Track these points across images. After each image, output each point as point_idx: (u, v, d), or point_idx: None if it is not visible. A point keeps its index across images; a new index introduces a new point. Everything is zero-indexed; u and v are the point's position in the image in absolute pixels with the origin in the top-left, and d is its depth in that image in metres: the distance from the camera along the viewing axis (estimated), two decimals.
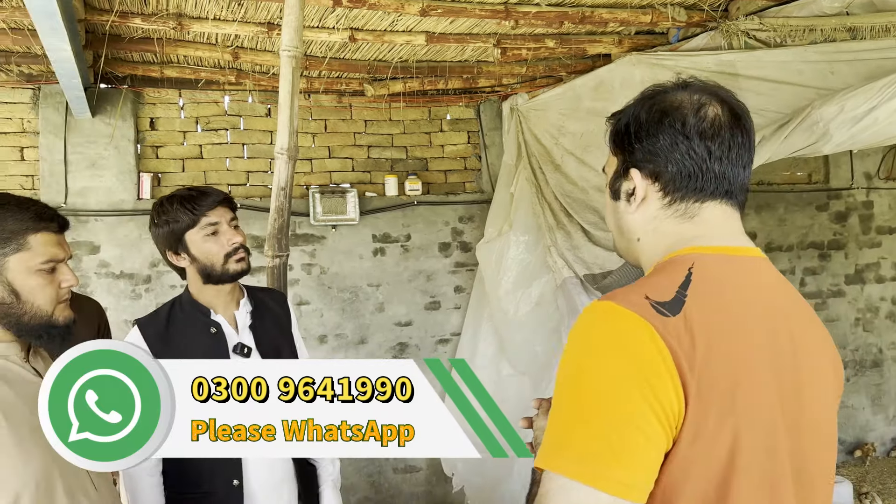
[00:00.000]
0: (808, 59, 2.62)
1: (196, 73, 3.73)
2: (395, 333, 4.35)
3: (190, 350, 1.83)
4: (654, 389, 0.84)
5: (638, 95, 1.08)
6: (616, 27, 3.21)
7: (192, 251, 1.84)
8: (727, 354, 0.89)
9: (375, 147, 4.38)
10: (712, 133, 0.99)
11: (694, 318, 0.89)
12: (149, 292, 3.91)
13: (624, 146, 1.04)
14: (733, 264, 0.99)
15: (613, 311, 0.90)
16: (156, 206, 1.90)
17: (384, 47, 3.39)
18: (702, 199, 1.01)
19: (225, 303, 1.91)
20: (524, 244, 3.80)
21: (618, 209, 1.08)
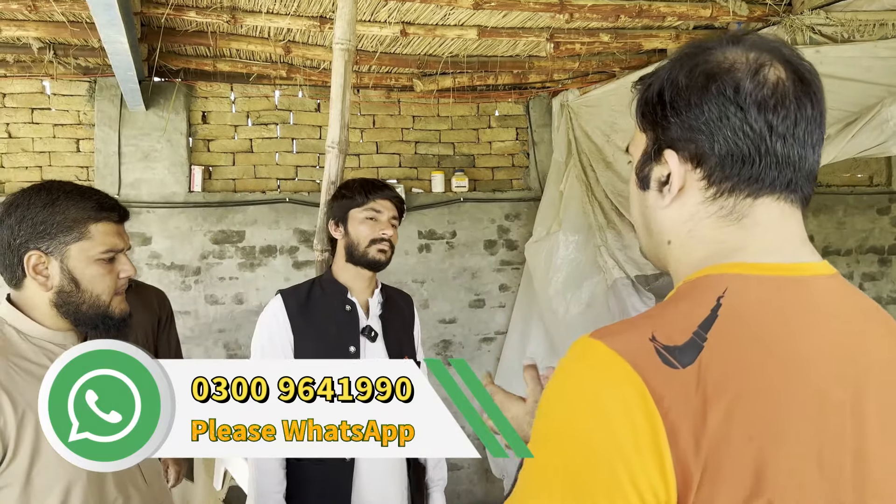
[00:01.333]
0: (878, 55, 2.51)
1: (248, 67, 3.76)
2: (438, 331, 4.33)
3: (324, 322, 1.98)
4: (632, 471, 0.65)
5: (675, 53, 0.83)
6: (674, 21, 3.12)
7: (349, 226, 2.02)
8: (755, 422, 0.67)
9: (423, 143, 4.36)
10: (774, 103, 0.75)
11: (712, 372, 0.68)
12: (198, 284, 3.96)
13: (656, 120, 0.80)
14: (785, 292, 0.74)
15: (599, 355, 0.70)
16: (344, 182, 2.16)
17: (435, 42, 3.36)
18: (756, 192, 0.77)
19: (361, 287, 2.05)
20: (574, 244, 3.74)
21: (647, 201, 0.84)
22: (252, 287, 4.03)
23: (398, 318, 2.12)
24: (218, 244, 4.00)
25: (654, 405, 0.66)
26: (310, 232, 4.08)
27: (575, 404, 0.70)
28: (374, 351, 1.98)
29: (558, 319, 3.80)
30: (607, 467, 0.66)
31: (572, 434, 0.69)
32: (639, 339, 0.70)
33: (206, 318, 3.97)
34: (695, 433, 0.65)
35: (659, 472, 0.65)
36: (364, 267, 2.01)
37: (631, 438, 0.66)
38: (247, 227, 4.03)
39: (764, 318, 0.72)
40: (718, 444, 0.65)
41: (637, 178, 0.86)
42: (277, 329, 1.98)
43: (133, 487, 1.30)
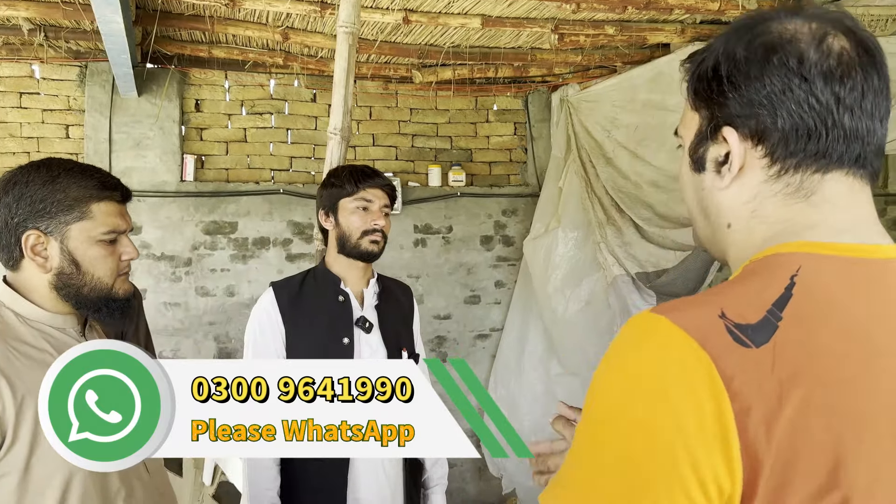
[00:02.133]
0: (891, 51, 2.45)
1: (244, 54, 3.68)
2: (433, 326, 4.27)
3: (318, 314, 1.93)
4: (694, 458, 0.61)
5: (728, 27, 0.79)
6: (680, 15, 3.08)
7: (339, 217, 1.96)
8: (831, 407, 0.63)
9: (420, 136, 4.30)
10: (841, 73, 0.70)
11: (789, 352, 0.63)
12: (189, 275, 3.87)
13: (711, 96, 0.76)
14: (861, 274, 0.69)
15: (664, 332, 0.65)
16: (332, 169, 2.10)
17: (437, 31, 3.30)
18: (824, 167, 0.72)
19: (356, 278, 2.00)
20: (573, 240, 3.69)
21: (702, 184, 0.80)
22: (244, 279, 3.95)
23: (396, 309, 2.07)
24: (210, 235, 3.92)
25: (723, 386, 0.61)
26: (304, 224, 4.01)
27: (634, 384, 0.65)
28: (369, 342, 1.94)
29: (557, 317, 3.75)
30: (668, 454, 0.61)
31: (630, 416, 0.65)
32: (707, 316, 0.65)
33: (197, 311, 3.89)
34: (767, 419, 0.61)
35: (724, 459, 0.60)
36: (356, 258, 1.96)
37: (695, 422, 0.61)
38: (239, 218, 3.95)
39: (841, 301, 0.67)
40: (794, 432, 0.61)
41: (691, 160, 0.81)
42: (269, 322, 1.93)
43: (136, 478, 1.23)
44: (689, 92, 0.81)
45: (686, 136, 0.82)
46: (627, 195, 3.55)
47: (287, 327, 1.92)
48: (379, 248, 1.97)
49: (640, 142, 3.48)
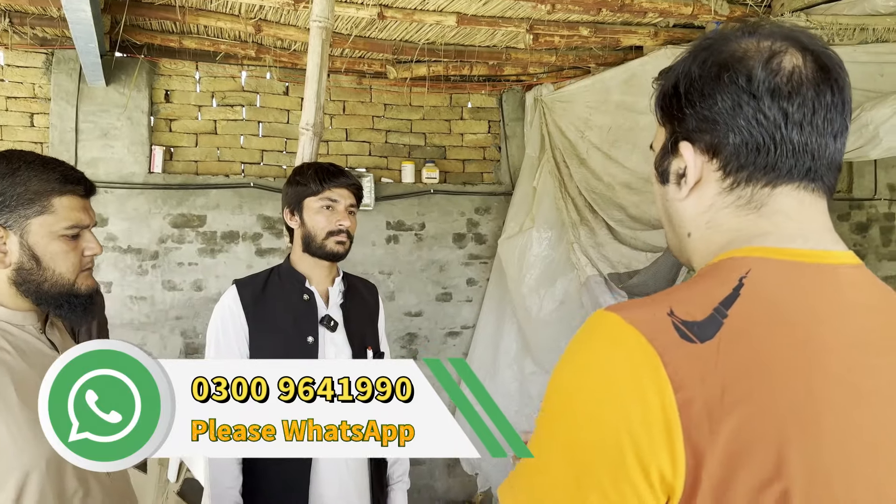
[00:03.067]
0: (857, 60, 2.53)
1: (215, 45, 3.62)
2: (404, 323, 4.26)
3: (282, 312, 1.91)
4: (638, 450, 0.63)
5: (691, 46, 0.82)
6: (654, 18, 3.10)
7: (304, 216, 1.93)
8: (775, 402, 0.64)
9: (394, 132, 4.28)
10: (789, 91, 0.72)
11: (732, 347, 0.65)
12: (155, 269, 3.81)
13: (672, 113, 0.79)
14: (809, 278, 0.72)
15: (614, 328, 0.68)
16: (297, 166, 2.05)
17: (412, 27, 3.28)
18: (773, 181, 0.75)
19: (321, 276, 1.97)
20: (547, 240, 3.71)
21: (667, 195, 0.83)
22: (212, 274, 3.90)
23: (361, 307, 2.05)
24: (177, 228, 3.86)
25: (668, 379, 0.64)
26: (274, 218, 3.97)
27: (583, 377, 0.69)
28: (334, 341, 1.92)
29: (532, 317, 3.76)
30: (614, 443, 0.64)
31: (579, 407, 0.68)
32: (656, 313, 0.68)
33: (163, 305, 3.83)
34: (710, 412, 0.63)
35: (668, 450, 0.63)
36: (322, 258, 1.94)
37: (640, 413, 0.64)
38: (208, 211, 3.89)
39: (787, 302, 0.70)
40: (739, 427, 0.63)
41: (657, 172, 0.84)
42: (232, 321, 1.90)
43: (95, 480, 1.21)
44: (656, 109, 0.84)
45: (657, 149, 0.85)
46: (600, 196, 3.57)
47: (251, 326, 1.90)
48: (344, 249, 1.95)
49: (612, 143, 3.50)
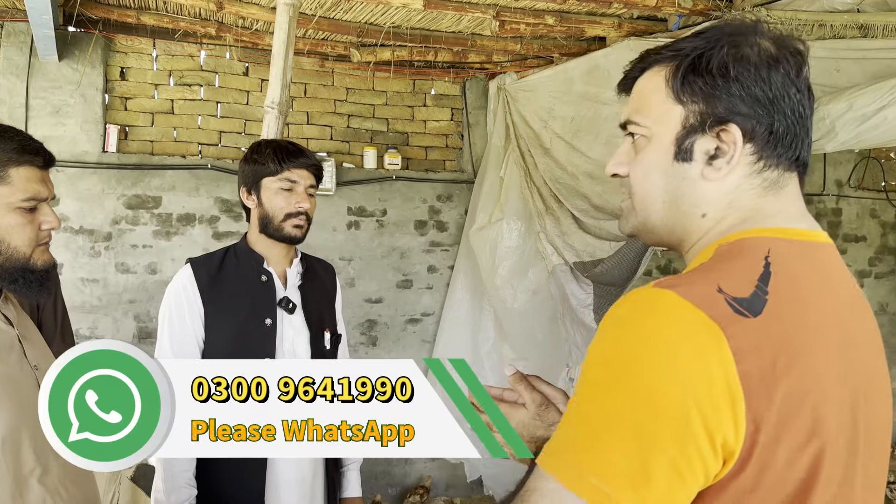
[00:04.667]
0: (815, 55, 2.56)
1: (174, 22, 3.53)
2: (364, 310, 4.23)
3: (239, 293, 1.86)
4: (706, 420, 0.67)
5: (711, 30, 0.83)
6: (619, 9, 3.13)
7: (262, 196, 1.88)
8: (809, 369, 0.72)
9: (356, 117, 4.24)
10: (811, 91, 0.80)
11: (776, 323, 0.71)
12: (108, 250, 3.71)
13: (713, 90, 0.79)
14: (808, 254, 0.80)
15: (672, 303, 0.71)
16: (255, 143, 1.97)
17: (378, 9, 3.25)
18: (792, 166, 0.81)
19: (278, 257, 1.93)
20: (517, 231, 3.74)
21: (685, 174, 0.82)
22: (167, 257, 3.81)
23: (319, 289, 2.02)
24: (132, 209, 3.76)
25: (731, 352, 0.68)
26: (233, 201, 3.89)
27: (646, 350, 0.70)
28: (292, 323, 1.89)
29: (507, 307, 3.79)
30: (681, 414, 0.67)
31: (643, 380, 0.69)
32: (708, 290, 0.72)
33: (116, 288, 3.73)
34: (765, 381, 0.69)
35: (732, 418, 0.67)
36: (279, 241, 1.90)
37: (706, 385, 0.67)
38: (164, 192, 3.80)
39: (801, 274, 0.77)
40: (789, 394, 0.69)
41: (676, 148, 0.83)
42: (186, 301, 1.84)
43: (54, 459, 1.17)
44: (673, 84, 0.82)
45: (657, 126, 0.85)
46: (564, 186, 3.59)
47: (206, 307, 1.84)
48: (302, 233, 1.90)
49: (576, 133, 3.53)
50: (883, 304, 5.45)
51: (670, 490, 0.68)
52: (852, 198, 5.33)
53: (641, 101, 0.87)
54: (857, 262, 5.39)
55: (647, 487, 0.67)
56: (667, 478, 0.67)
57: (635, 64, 0.89)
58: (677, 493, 0.68)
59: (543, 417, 1.02)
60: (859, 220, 5.38)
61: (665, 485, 0.68)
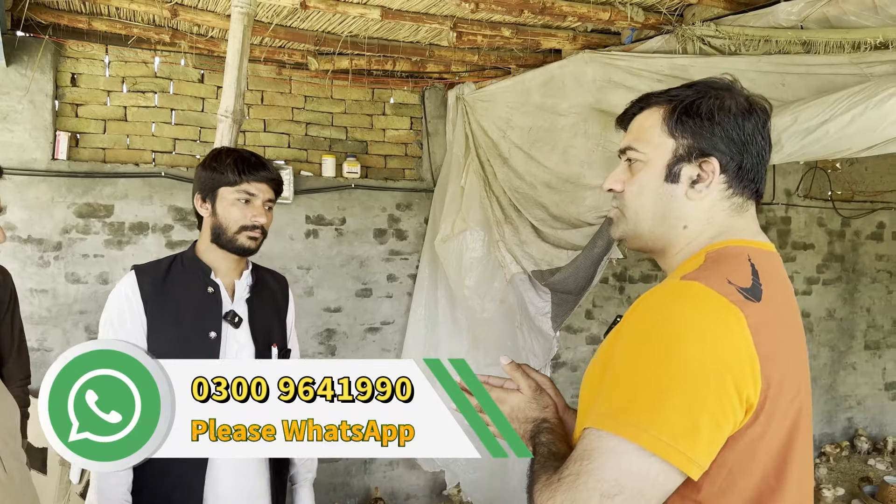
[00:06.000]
0: (762, 69, 2.66)
1: (127, 28, 3.47)
2: (322, 319, 4.21)
3: (184, 305, 1.80)
4: (736, 380, 0.87)
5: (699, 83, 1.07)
6: (573, 22, 3.18)
7: (217, 206, 1.82)
8: (793, 344, 0.96)
9: (314, 125, 4.22)
10: (770, 136, 1.06)
11: (771, 307, 0.93)
12: (58, 260, 3.62)
13: (700, 130, 1.02)
14: (769, 259, 1.02)
15: (703, 292, 0.91)
16: (215, 150, 1.91)
17: (335, 18, 3.24)
18: (752, 195, 1.06)
19: (227, 268, 1.87)
20: (481, 241, 3.76)
21: (672, 193, 1.05)
22: (119, 266, 3.73)
23: (269, 302, 1.96)
24: (83, 218, 3.68)
25: (748, 328, 0.89)
26: (187, 210, 3.84)
27: (684, 329, 0.89)
28: (236, 337, 1.82)
29: (476, 317, 3.82)
30: (719, 377, 0.86)
31: (685, 352, 0.87)
32: (723, 282, 0.92)
33: (66, 298, 3.64)
34: (771, 352, 0.90)
35: (752, 379, 0.88)
36: (231, 252, 1.84)
37: (734, 355, 0.88)
38: (116, 201, 3.73)
39: (774, 276, 0.99)
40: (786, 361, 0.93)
41: (667, 172, 1.06)
42: (129, 310, 1.76)
43: None
44: (668, 122, 1.06)
45: (653, 153, 1.07)
46: (523, 195, 3.62)
47: (149, 317, 1.77)
48: (256, 245, 1.84)
49: (533, 143, 3.56)
50: (830, 309, 5.62)
51: (711, 437, 0.86)
52: (801, 206, 5.49)
53: (641, 132, 1.09)
54: (806, 269, 5.55)
55: (696, 435, 0.85)
56: (710, 427, 0.86)
57: (635, 103, 1.12)
58: (716, 438, 0.87)
59: (538, 401, 1.14)
60: (807, 229, 5.54)
61: (708, 433, 0.86)
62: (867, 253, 5.78)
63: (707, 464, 0.87)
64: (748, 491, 0.91)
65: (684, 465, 0.85)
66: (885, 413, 5.97)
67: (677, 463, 0.85)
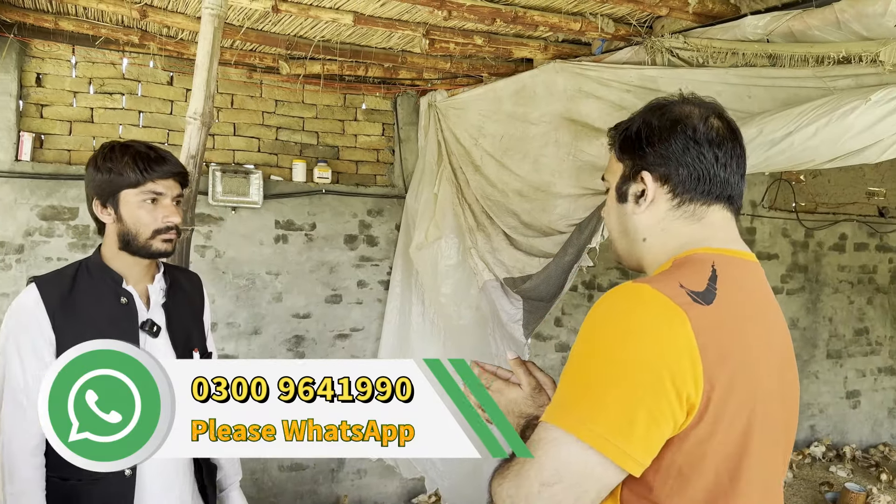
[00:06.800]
0: (728, 82, 2.71)
1: (95, 28, 3.41)
2: (291, 325, 4.17)
3: (95, 319, 1.65)
4: (674, 379, 0.89)
5: (643, 108, 1.15)
6: (545, 31, 3.20)
7: (122, 211, 1.67)
8: (749, 348, 0.97)
9: (285, 129, 4.19)
10: (718, 141, 1.07)
11: (724, 311, 0.95)
12: (20, 263, 3.54)
13: (634, 151, 1.11)
14: (741, 266, 1.06)
15: (648, 294, 0.94)
16: (105, 147, 1.70)
17: (307, 23, 3.23)
18: (708, 202, 1.08)
19: (138, 274, 1.74)
20: (455, 248, 3.77)
21: (624, 211, 1.14)
22: None
23: (185, 305, 1.85)
24: (46, 220, 3.60)
25: (692, 331, 0.91)
26: None
27: (629, 329, 0.93)
28: (157, 348, 1.70)
29: (453, 324, 3.80)
30: (657, 375, 0.89)
31: (627, 351, 0.91)
32: (671, 285, 0.96)
33: None
34: (718, 353, 0.92)
35: (693, 379, 0.90)
36: (145, 258, 1.72)
37: (674, 354, 0.90)
38: (81, 203, 3.65)
39: (741, 283, 1.03)
40: (737, 365, 0.94)
41: (616, 194, 1.15)
42: (37, 328, 1.60)
43: None
44: (615, 148, 1.16)
45: (612, 179, 1.17)
46: (495, 203, 3.63)
47: (58, 335, 1.61)
48: (172, 247, 1.72)
49: (505, 151, 3.58)
50: (794, 319, 5.73)
51: (648, 432, 0.89)
52: (765, 217, 5.59)
53: (608, 162, 1.19)
54: (770, 279, 5.60)
55: (632, 430, 0.88)
56: (646, 423, 0.88)
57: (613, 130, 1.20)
58: (654, 435, 0.89)
59: (536, 399, 1.18)
60: (772, 239, 5.64)
61: (645, 428, 0.88)
62: (830, 263, 5.90)
63: (646, 460, 0.90)
64: (700, 492, 0.94)
65: (620, 459, 0.88)
66: (846, 421, 6.09)
67: (612, 456, 0.88)
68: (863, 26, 2.24)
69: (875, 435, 6.20)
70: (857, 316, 6.07)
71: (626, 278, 5.01)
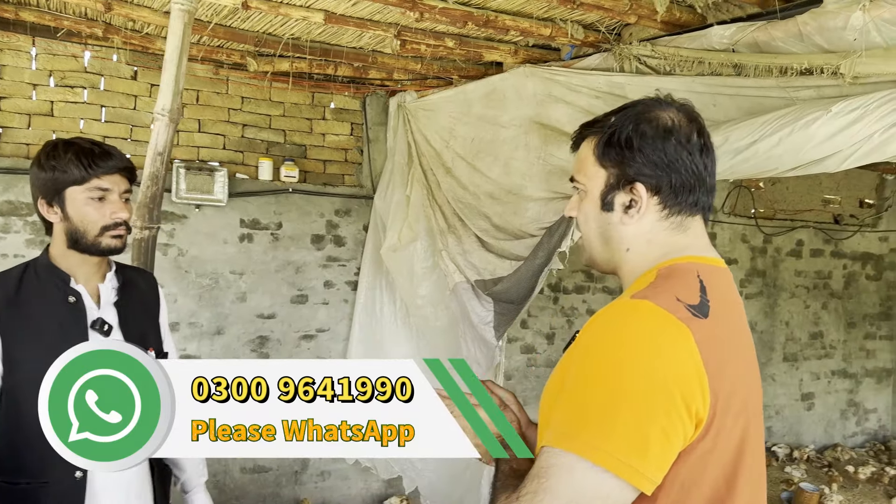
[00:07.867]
0: (694, 90, 2.76)
1: (57, 20, 3.33)
2: (255, 326, 4.12)
3: (43, 320, 1.62)
4: (684, 395, 0.89)
5: (621, 109, 1.12)
6: (515, 36, 3.22)
7: (68, 209, 1.64)
8: (740, 359, 0.98)
9: (251, 127, 4.14)
10: (706, 149, 1.07)
11: (719, 323, 0.95)
12: None
13: (623, 159, 1.07)
14: (718, 274, 1.05)
15: (649, 310, 0.93)
16: (48, 145, 1.67)
17: (277, 20, 3.19)
18: (694, 212, 1.08)
19: (88, 273, 1.71)
20: (430, 250, 3.75)
21: (609, 220, 1.10)
22: None
23: (139, 304, 1.82)
24: (3, 216, 3.50)
25: (695, 345, 0.91)
26: None
27: (632, 347, 0.91)
28: None
29: (431, 325, 3.80)
30: (668, 392, 0.88)
31: (634, 370, 0.89)
32: (671, 299, 0.95)
33: None
34: (718, 365, 0.92)
35: (701, 395, 0.90)
36: (95, 255, 1.69)
37: (682, 370, 0.89)
38: None
39: (723, 292, 1.02)
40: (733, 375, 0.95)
41: (601, 202, 1.11)
42: None
43: None
44: (597, 153, 1.11)
45: (590, 184, 1.13)
46: (467, 206, 3.64)
47: (5, 338, 1.58)
48: (122, 243, 1.69)
49: (476, 154, 3.59)
50: (752, 323, 5.86)
51: (662, 451, 0.88)
52: (725, 223, 5.71)
53: (580, 164, 1.14)
54: None
55: (647, 450, 0.87)
56: (660, 442, 0.87)
57: (578, 133, 1.16)
58: (667, 453, 0.89)
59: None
60: (731, 244, 5.76)
61: (659, 448, 0.88)
62: (787, 269, 6.05)
63: (659, 478, 0.89)
64: (700, 502, 0.93)
65: (636, 480, 0.87)
66: (801, 422, 6.25)
67: (629, 478, 0.86)
68: (824, 39, 2.30)
69: (828, 436, 6.37)
70: (812, 320, 6.23)
71: (593, 282, 5.07)
